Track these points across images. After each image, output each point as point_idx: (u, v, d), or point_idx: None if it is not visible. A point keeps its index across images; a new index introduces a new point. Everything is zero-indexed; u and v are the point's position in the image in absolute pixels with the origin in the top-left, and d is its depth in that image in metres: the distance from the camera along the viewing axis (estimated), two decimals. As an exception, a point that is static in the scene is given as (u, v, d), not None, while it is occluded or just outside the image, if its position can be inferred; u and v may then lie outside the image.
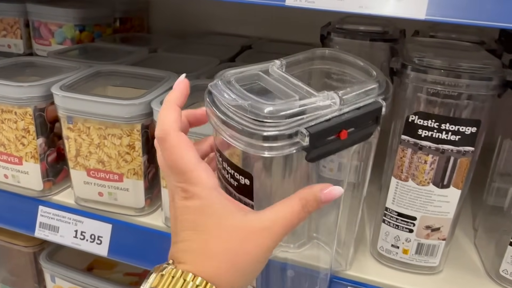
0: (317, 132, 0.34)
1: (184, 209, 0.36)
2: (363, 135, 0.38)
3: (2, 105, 0.61)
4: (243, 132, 0.34)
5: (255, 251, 0.35)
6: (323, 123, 0.35)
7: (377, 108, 0.37)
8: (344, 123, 0.36)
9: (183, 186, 0.36)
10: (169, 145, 0.36)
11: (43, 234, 0.66)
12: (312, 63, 0.43)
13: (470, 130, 0.47)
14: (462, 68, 0.46)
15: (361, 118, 0.37)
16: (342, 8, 0.41)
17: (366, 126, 0.38)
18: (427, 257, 0.54)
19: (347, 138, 0.36)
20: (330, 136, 0.35)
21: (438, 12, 0.39)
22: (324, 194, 0.36)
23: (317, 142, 0.35)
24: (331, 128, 0.35)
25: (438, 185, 0.50)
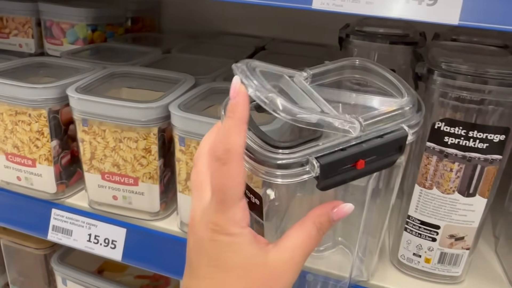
0: (328, 163, 0.32)
1: (211, 242, 0.34)
2: (384, 164, 0.35)
3: (16, 107, 0.60)
4: (258, 159, 0.33)
5: (281, 285, 0.34)
6: (337, 153, 0.33)
7: (401, 137, 0.34)
8: (361, 153, 0.33)
9: (217, 218, 0.33)
10: (228, 170, 0.32)
11: (56, 238, 0.66)
12: (341, 72, 0.41)
13: (499, 138, 0.46)
14: (490, 74, 0.45)
15: (382, 147, 0.34)
16: (371, 12, 0.39)
17: (388, 156, 0.35)
18: (449, 267, 0.53)
19: (365, 167, 0.34)
20: (344, 166, 0.33)
21: (472, 17, 0.37)
22: (336, 213, 0.35)
23: (329, 172, 0.33)
24: (346, 159, 0.33)
25: (464, 194, 0.49)
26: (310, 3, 0.41)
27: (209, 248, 0.34)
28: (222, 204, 0.33)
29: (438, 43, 0.58)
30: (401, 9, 0.39)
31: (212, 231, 0.33)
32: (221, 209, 0.33)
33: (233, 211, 0.33)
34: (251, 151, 0.33)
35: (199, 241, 0.35)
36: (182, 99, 0.57)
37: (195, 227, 0.35)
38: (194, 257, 0.35)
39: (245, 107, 0.33)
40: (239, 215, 0.33)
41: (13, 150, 0.64)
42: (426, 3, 0.38)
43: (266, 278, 0.33)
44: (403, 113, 0.35)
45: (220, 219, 0.33)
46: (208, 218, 0.34)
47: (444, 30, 0.70)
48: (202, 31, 1.07)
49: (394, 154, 0.35)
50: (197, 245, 0.35)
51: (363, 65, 0.41)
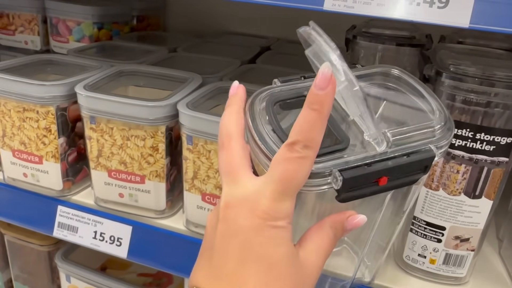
0: (351, 178, 0.31)
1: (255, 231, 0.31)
2: (406, 182, 0.34)
3: (24, 104, 0.61)
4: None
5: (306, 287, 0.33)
6: (361, 168, 0.32)
7: (427, 158, 0.33)
8: (385, 171, 0.32)
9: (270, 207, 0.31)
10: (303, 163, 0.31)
11: (61, 234, 0.66)
12: (373, 79, 0.40)
13: (506, 140, 0.46)
14: (498, 77, 0.45)
15: (407, 166, 0.33)
16: (382, 14, 0.40)
17: (411, 175, 0.34)
18: (454, 268, 0.53)
19: (387, 183, 0.33)
20: (367, 182, 0.32)
21: (483, 20, 0.38)
22: (349, 223, 0.35)
23: (351, 187, 0.32)
24: (369, 175, 0.32)
25: (470, 195, 0.49)
26: (321, 4, 0.41)
27: (248, 237, 0.31)
28: (282, 194, 0.31)
29: (446, 46, 0.58)
30: (412, 11, 0.39)
31: (259, 219, 0.31)
32: (279, 198, 0.31)
33: (289, 204, 0.31)
34: (264, 146, 0.33)
35: (235, 229, 0.32)
36: (189, 98, 0.57)
37: (230, 213, 0.32)
38: (221, 248, 0.32)
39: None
40: (291, 209, 0.32)
41: (20, 147, 0.64)
42: (437, 6, 0.38)
43: (297, 279, 0.32)
44: (432, 132, 0.34)
45: (273, 209, 0.31)
46: (254, 205, 0.31)
47: (450, 32, 0.71)
48: (207, 31, 1.07)
49: (418, 173, 0.34)
50: (230, 233, 0.32)
51: (398, 75, 0.40)
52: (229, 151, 0.34)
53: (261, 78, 0.71)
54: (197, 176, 0.57)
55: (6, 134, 0.64)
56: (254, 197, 0.31)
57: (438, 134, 0.34)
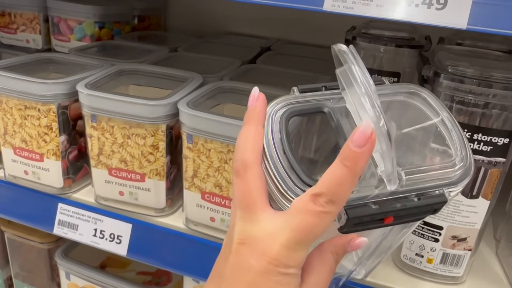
0: (357, 217, 0.30)
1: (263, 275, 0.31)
2: (412, 220, 0.33)
3: (26, 102, 0.61)
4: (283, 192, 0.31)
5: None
6: (367, 207, 0.31)
7: (439, 202, 0.32)
8: (393, 212, 0.31)
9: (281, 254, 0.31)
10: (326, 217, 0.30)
11: (62, 232, 0.66)
12: (394, 95, 0.38)
13: (503, 141, 0.47)
14: (496, 78, 0.46)
15: (416, 209, 0.31)
16: (381, 15, 0.40)
17: (419, 216, 0.33)
18: (451, 267, 0.54)
19: (392, 222, 0.32)
20: (372, 220, 0.31)
21: (480, 22, 0.38)
22: (351, 246, 0.34)
23: (355, 224, 0.31)
24: (375, 215, 0.31)
25: (467, 196, 0.50)
26: (321, 4, 0.42)
27: (259, 279, 0.31)
28: (297, 244, 0.30)
29: (444, 47, 0.59)
30: (410, 12, 0.40)
31: (270, 264, 0.30)
32: (293, 248, 0.30)
33: (303, 253, 0.31)
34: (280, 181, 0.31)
35: (246, 267, 0.31)
36: (190, 97, 0.57)
37: (243, 250, 0.32)
38: (231, 281, 0.32)
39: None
40: (304, 258, 0.31)
41: (21, 145, 0.65)
42: (435, 7, 0.39)
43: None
44: (449, 174, 0.32)
45: (286, 256, 0.30)
46: (268, 249, 0.31)
47: (449, 34, 0.71)
48: (208, 31, 1.07)
49: (426, 215, 0.33)
50: (240, 269, 0.32)
51: (423, 96, 0.38)
52: (245, 182, 0.32)
53: (262, 78, 0.72)
54: (197, 175, 0.57)
55: (8, 131, 0.65)
56: (269, 240, 0.31)
57: (455, 176, 0.32)
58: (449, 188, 0.32)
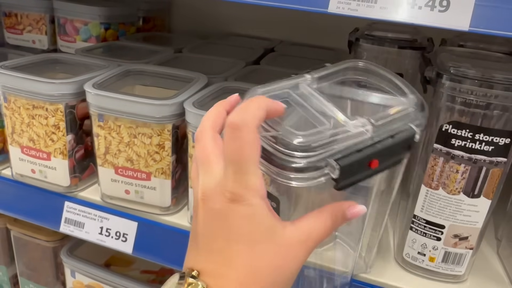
0: (347, 164, 0.33)
1: (228, 213, 0.32)
2: (394, 162, 0.37)
3: (34, 101, 0.62)
4: (273, 161, 0.34)
5: (292, 265, 0.34)
6: (354, 155, 0.34)
7: (410, 136, 0.36)
8: (375, 154, 0.35)
9: (235, 187, 0.32)
10: (244, 138, 0.31)
11: (68, 230, 0.67)
12: (344, 74, 0.43)
13: (504, 141, 0.48)
14: (497, 79, 0.47)
15: (394, 147, 0.36)
16: (385, 16, 0.41)
17: (398, 154, 0.37)
18: (453, 266, 0.54)
19: (378, 166, 0.35)
20: (360, 167, 0.35)
21: (482, 24, 0.39)
22: (351, 213, 0.37)
23: (348, 173, 0.34)
24: (362, 160, 0.34)
25: (469, 195, 0.50)
26: (326, 6, 0.42)
27: (226, 219, 0.33)
28: (240, 172, 0.32)
29: (446, 49, 0.60)
30: (413, 14, 0.40)
31: (229, 201, 0.32)
32: (239, 178, 0.32)
33: (252, 179, 0.32)
34: (267, 153, 0.34)
35: (213, 214, 0.33)
36: (196, 97, 0.58)
37: (207, 200, 0.34)
38: (205, 232, 0.34)
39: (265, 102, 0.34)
40: (258, 184, 0.32)
41: (29, 143, 0.65)
42: (438, 10, 0.40)
43: (281, 255, 0.33)
44: (409, 114, 0.37)
45: (238, 188, 0.32)
46: (224, 188, 0.33)
47: (451, 36, 0.72)
48: (211, 32, 1.08)
49: (403, 152, 0.37)
50: (210, 218, 0.33)
51: (365, 67, 0.43)
52: (201, 142, 0.35)
53: (266, 79, 0.73)
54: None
55: (15, 131, 0.66)
56: (222, 182, 0.33)
57: (414, 115, 0.37)
58: (414, 123, 0.37)
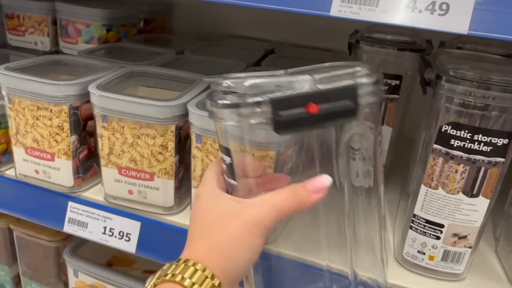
0: (278, 99, 0.36)
1: (194, 209, 0.43)
2: (337, 110, 0.38)
3: (38, 102, 0.63)
4: (212, 100, 0.39)
5: (252, 239, 0.39)
6: (288, 94, 0.37)
7: (351, 85, 0.38)
8: (310, 96, 0.37)
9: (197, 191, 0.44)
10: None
11: (71, 230, 0.68)
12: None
13: (502, 141, 0.49)
14: (495, 81, 0.48)
15: (332, 93, 0.38)
16: (386, 20, 0.42)
17: (339, 101, 0.38)
18: (452, 264, 0.55)
19: (319, 113, 0.37)
20: (296, 107, 0.37)
21: (481, 27, 0.40)
22: (311, 183, 0.40)
23: (281, 111, 0.36)
24: (296, 98, 0.37)
25: (468, 194, 0.51)
26: (328, 10, 0.43)
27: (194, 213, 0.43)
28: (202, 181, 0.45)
29: (445, 51, 0.61)
30: (414, 18, 0.41)
31: (195, 201, 0.44)
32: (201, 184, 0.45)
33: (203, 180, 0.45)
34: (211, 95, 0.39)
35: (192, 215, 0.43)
36: (199, 98, 0.59)
37: (198, 198, 0.44)
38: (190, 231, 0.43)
39: None
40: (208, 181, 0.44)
41: (33, 144, 0.66)
42: (438, 13, 0.41)
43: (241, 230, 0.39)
44: (353, 73, 0.39)
45: (197, 189, 0.44)
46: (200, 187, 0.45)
47: (449, 38, 0.73)
48: (212, 33, 1.09)
49: (347, 101, 0.38)
50: (202, 205, 0.43)
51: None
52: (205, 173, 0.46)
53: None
54: None
55: (19, 132, 0.66)
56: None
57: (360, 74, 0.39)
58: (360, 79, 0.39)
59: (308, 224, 0.54)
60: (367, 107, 0.40)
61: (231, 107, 0.38)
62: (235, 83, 0.38)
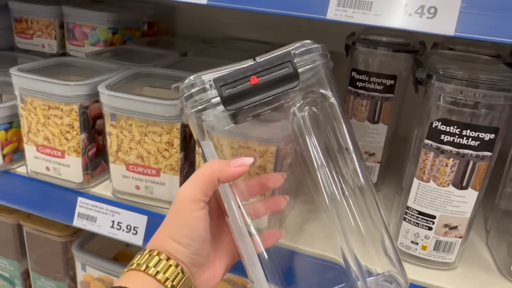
0: (221, 78, 0.42)
1: None
2: (277, 78, 0.42)
3: (50, 102, 0.66)
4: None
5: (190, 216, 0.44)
6: (228, 72, 0.42)
7: (286, 52, 0.42)
8: (250, 69, 0.42)
9: None
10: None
11: (81, 224, 0.71)
12: None
13: (489, 136, 0.52)
14: (483, 79, 0.51)
15: (269, 63, 0.42)
16: (378, 23, 0.45)
17: (278, 71, 0.42)
18: (444, 254, 0.58)
19: (260, 83, 0.41)
20: (239, 82, 0.41)
21: (467, 29, 0.43)
22: (235, 160, 0.44)
23: (225, 86, 0.41)
24: (237, 74, 0.42)
25: (458, 187, 0.54)
26: (325, 14, 0.46)
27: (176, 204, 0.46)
28: None
29: (437, 52, 0.64)
30: (404, 20, 0.44)
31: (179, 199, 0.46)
32: None
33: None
34: None
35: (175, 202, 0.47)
36: (203, 98, 0.62)
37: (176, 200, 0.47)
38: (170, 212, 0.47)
39: None
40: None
41: (44, 142, 0.69)
42: (427, 16, 0.44)
43: (180, 209, 0.44)
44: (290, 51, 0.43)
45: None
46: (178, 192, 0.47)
47: (442, 40, 0.76)
48: (213, 36, 1.12)
49: (285, 68, 0.42)
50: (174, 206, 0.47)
51: None
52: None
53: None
54: None
55: (31, 130, 0.69)
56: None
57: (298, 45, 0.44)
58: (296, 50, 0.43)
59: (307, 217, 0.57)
60: (310, 72, 0.43)
61: (189, 98, 0.43)
62: (195, 78, 0.44)
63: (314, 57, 0.43)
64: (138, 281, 0.43)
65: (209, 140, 0.47)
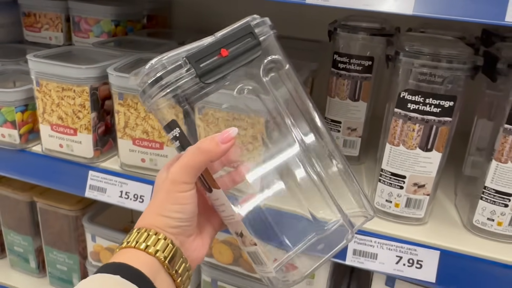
0: (193, 54, 0.43)
1: None
2: (245, 48, 0.45)
3: (63, 84, 0.74)
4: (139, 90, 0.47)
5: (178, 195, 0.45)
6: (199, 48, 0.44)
7: (246, 25, 0.46)
8: (218, 43, 0.44)
9: None
10: None
11: (92, 195, 0.79)
12: None
13: (449, 104, 0.60)
14: (442, 54, 0.59)
15: (233, 35, 0.45)
16: (349, 5, 0.53)
17: (242, 39, 0.45)
18: (414, 210, 0.67)
19: (230, 55, 0.44)
20: (210, 56, 0.44)
21: (424, 9, 0.51)
22: (220, 135, 0.45)
23: (198, 62, 0.43)
24: (207, 49, 0.44)
25: (423, 149, 0.63)
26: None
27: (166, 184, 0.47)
28: None
29: (407, 34, 0.72)
30: (367, 2, 0.52)
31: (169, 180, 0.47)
32: None
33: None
34: None
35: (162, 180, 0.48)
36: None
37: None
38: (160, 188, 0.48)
39: None
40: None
41: (58, 121, 0.77)
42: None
43: (167, 188, 0.45)
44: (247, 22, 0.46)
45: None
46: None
47: (415, 25, 0.84)
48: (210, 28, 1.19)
49: (249, 39, 0.46)
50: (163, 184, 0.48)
51: None
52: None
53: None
54: None
55: (46, 111, 0.77)
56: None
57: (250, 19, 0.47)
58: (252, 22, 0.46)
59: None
60: (266, 42, 0.47)
61: (157, 81, 0.43)
62: (155, 62, 0.44)
63: (266, 28, 0.48)
64: (130, 255, 0.44)
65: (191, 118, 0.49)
